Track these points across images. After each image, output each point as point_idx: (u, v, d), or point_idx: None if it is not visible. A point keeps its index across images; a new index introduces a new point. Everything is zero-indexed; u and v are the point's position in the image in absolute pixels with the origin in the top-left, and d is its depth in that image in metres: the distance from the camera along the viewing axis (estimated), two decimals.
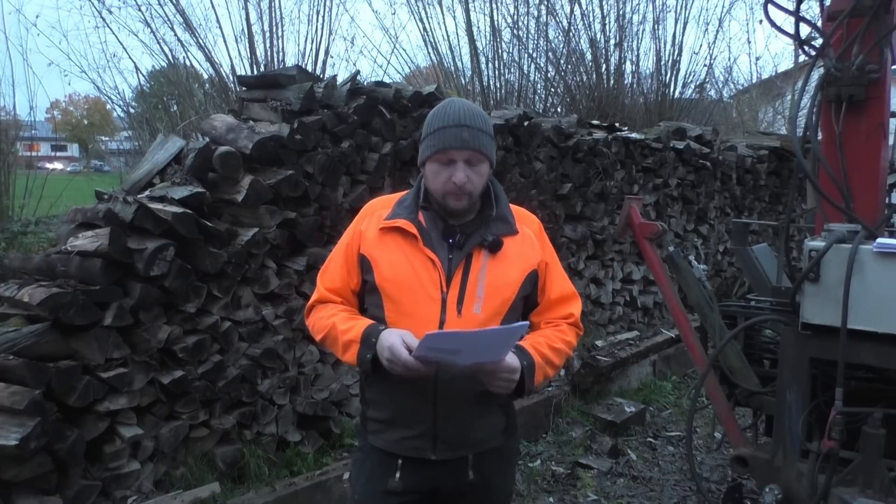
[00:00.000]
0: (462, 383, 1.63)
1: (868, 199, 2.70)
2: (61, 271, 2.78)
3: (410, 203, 1.75)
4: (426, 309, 1.64)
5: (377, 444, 1.75)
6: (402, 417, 1.70)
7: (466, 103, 1.75)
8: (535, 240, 1.80)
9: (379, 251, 1.71)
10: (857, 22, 2.63)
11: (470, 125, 1.67)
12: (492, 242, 1.69)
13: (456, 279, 1.66)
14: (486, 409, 1.72)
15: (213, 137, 3.38)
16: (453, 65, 7.71)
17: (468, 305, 1.65)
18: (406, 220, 1.70)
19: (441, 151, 1.66)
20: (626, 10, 8.30)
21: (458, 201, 1.68)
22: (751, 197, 7.69)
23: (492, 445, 1.76)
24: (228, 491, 3.05)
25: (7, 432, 2.41)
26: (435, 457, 1.69)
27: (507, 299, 1.69)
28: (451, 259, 1.68)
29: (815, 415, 2.62)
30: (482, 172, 1.70)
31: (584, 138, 5.44)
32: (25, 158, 5.64)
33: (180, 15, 5.67)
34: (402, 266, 1.67)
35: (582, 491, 3.74)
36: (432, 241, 1.69)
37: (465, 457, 1.72)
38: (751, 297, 3.25)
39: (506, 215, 1.78)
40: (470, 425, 1.70)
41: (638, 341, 5.56)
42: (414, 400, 1.67)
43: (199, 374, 3.10)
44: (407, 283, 1.66)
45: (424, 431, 1.68)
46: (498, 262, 1.70)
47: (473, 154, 1.66)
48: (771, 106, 11.83)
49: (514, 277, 1.71)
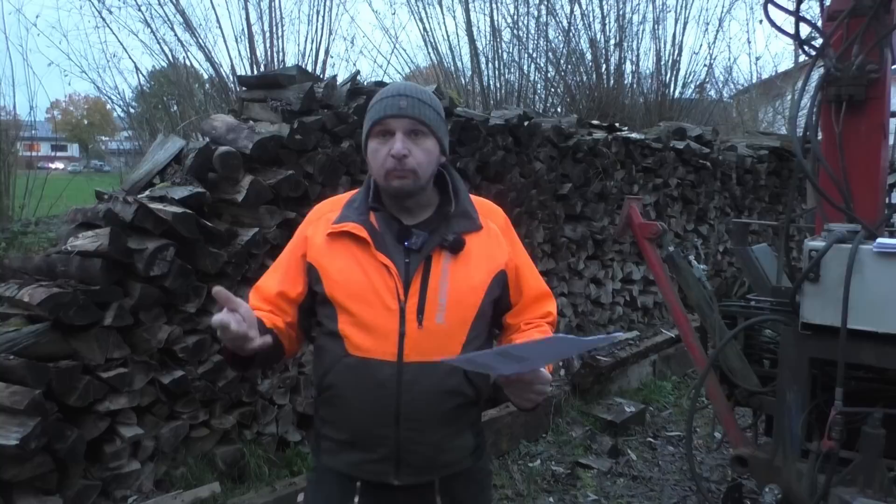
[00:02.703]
0: (427, 402, 1.48)
1: (868, 199, 2.70)
2: (61, 271, 2.78)
3: (360, 204, 1.58)
4: (384, 320, 1.48)
5: (334, 466, 1.59)
6: (362, 439, 1.52)
7: (412, 83, 1.61)
8: (502, 236, 1.62)
9: (328, 259, 1.54)
10: (857, 22, 2.63)
11: (410, 95, 1.52)
12: (452, 242, 1.52)
13: (414, 286, 1.49)
14: (453, 429, 1.55)
15: (214, 137, 3.38)
16: (453, 65, 7.72)
17: (429, 315, 1.48)
18: (355, 224, 1.53)
19: (378, 123, 1.50)
20: (626, 10, 8.31)
21: (400, 179, 1.49)
22: (751, 197, 7.69)
23: (461, 468, 1.59)
24: (228, 491, 3.05)
25: (7, 432, 2.41)
26: (398, 482, 1.52)
27: (473, 305, 1.53)
28: (408, 264, 1.50)
29: (815, 415, 2.62)
30: (428, 149, 1.51)
31: (584, 138, 5.44)
32: (25, 158, 5.64)
33: (180, 15, 5.67)
34: (354, 274, 1.50)
35: (582, 491, 3.74)
36: (386, 245, 1.52)
37: (432, 481, 1.55)
38: (751, 297, 3.25)
39: (467, 210, 1.59)
40: (436, 447, 1.52)
41: (638, 341, 5.56)
42: (374, 420, 1.50)
43: (200, 374, 3.10)
44: (360, 293, 1.49)
45: (386, 455, 1.50)
46: (461, 264, 1.53)
47: (414, 124, 1.49)
48: (771, 106, 11.83)
49: (479, 280, 1.54)
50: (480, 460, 1.66)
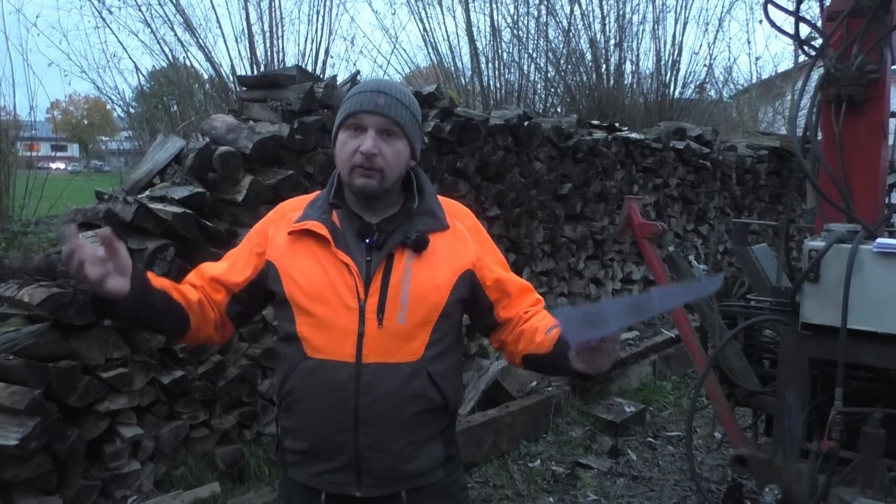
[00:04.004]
0: (387, 406, 1.43)
1: (868, 199, 2.70)
2: (61, 271, 2.77)
3: (323, 202, 1.54)
4: (343, 320, 1.43)
5: (298, 479, 1.53)
6: (321, 448, 1.47)
7: (392, 80, 1.58)
8: (469, 236, 1.56)
9: (288, 259, 1.49)
10: (857, 22, 2.63)
11: (388, 93, 1.46)
12: (416, 240, 1.47)
13: (375, 285, 1.44)
14: (417, 437, 1.48)
15: (213, 137, 3.38)
16: (453, 65, 7.72)
17: (390, 315, 1.43)
18: (316, 222, 1.49)
19: (351, 116, 1.45)
20: (626, 10, 8.30)
21: (365, 178, 1.44)
22: (751, 197, 7.70)
23: (430, 480, 1.51)
24: (228, 491, 3.05)
25: (7, 432, 2.41)
26: (360, 493, 1.46)
27: (437, 305, 1.47)
28: (369, 262, 1.46)
29: (815, 415, 2.62)
30: (398, 150, 1.47)
31: (584, 138, 5.44)
32: (26, 158, 5.64)
33: (180, 15, 5.67)
34: (315, 273, 1.46)
35: (582, 491, 3.74)
36: (346, 243, 1.47)
37: (398, 493, 1.48)
38: (751, 297, 3.25)
39: (433, 208, 1.55)
40: (400, 456, 1.46)
41: (638, 341, 5.56)
42: (332, 427, 1.44)
43: (199, 374, 3.10)
44: (320, 293, 1.45)
45: (346, 463, 1.45)
46: (424, 262, 1.47)
47: (387, 123, 1.44)
48: (771, 106, 11.83)
49: (443, 280, 1.48)
50: (454, 473, 1.59)
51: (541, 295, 1.68)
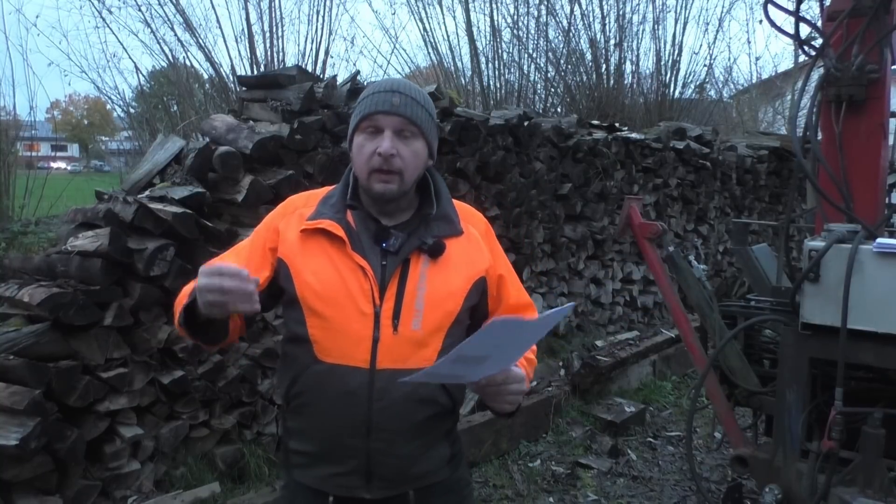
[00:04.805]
0: (399, 411, 1.41)
1: (868, 199, 2.70)
2: (61, 271, 2.78)
3: (337, 201, 1.50)
4: (357, 325, 1.40)
5: (304, 481, 1.50)
6: (331, 451, 1.45)
7: (405, 79, 1.56)
8: (482, 241, 1.55)
9: (301, 258, 1.44)
10: (857, 22, 2.63)
11: (403, 92, 1.44)
12: (432, 246, 1.44)
13: (391, 290, 1.41)
14: (427, 439, 1.47)
15: (213, 137, 3.38)
16: (453, 65, 7.73)
17: (405, 321, 1.40)
18: (331, 221, 1.45)
19: (367, 118, 1.43)
20: (626, 10, 8.32)
21: (384, 183, 1.41)
22: (751, 197, 7.70)
23: (436, 479, 1.51)
24: (228, 491, 3.05)
25: (7, 432, 2.41)
26: (370, 495, 1.45)
27: (451, 312, 1.45)
28: (384, 266, 1.43)
29: (815, 415, 2.62)
30: (416, 151, 1.44)
31: (584, 138, 5.44)
32: (25, 158, 5.64)
33: (180, 15, 5.68)
34: (328, 274, 1.42)
35: (582, 491, 3.74)
36: (362, 246, 1.44)
37: (406, 494, 1.48)
38: (751, 297, 3.25)
39: (449, 214, 1.52)
40: (409, 459, 1.45)
41: (638, 341, 5.56)
42: (344, 430, 1.42)
43: (199, 374, 3.10)
44: (333, 295, 1.41)
45: (356, 467, 1.43)
46: (440, 268, 1.45)
47: (404, 123, 1.42)
48: (771, 106, 11.84)
49: (458, 286, 1.46)
50: (458, 470, 1.59)
51: (541, 295, 1.67)
